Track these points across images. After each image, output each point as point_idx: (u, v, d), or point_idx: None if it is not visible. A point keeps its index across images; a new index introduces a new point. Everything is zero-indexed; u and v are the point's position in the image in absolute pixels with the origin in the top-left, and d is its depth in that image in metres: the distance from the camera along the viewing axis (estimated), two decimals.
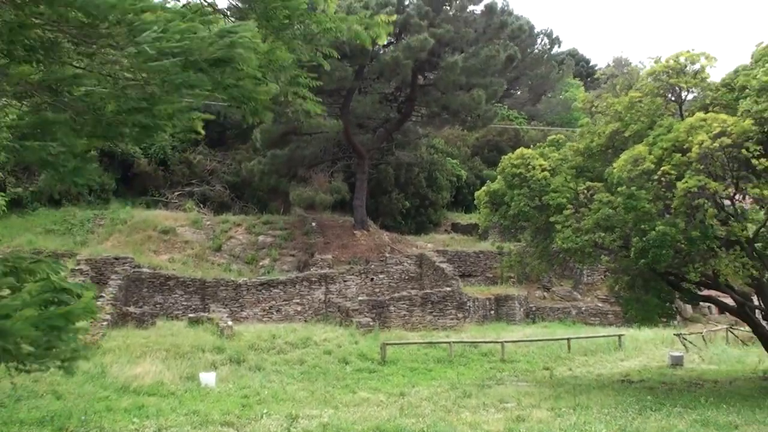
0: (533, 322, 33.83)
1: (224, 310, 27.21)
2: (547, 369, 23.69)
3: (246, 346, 22.58)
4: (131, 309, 25.31)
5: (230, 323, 24.30)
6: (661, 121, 18.74)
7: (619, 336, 28.26)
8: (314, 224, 37.09)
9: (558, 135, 24.65)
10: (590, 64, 72.14)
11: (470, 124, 39.93)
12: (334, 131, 38.34)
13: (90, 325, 21.32)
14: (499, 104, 47.21)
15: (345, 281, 32.48)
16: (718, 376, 22.38)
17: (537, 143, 25.07)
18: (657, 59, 20.08)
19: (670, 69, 19.37)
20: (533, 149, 22.62)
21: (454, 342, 25.46)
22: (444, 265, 33.50)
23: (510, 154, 22.05)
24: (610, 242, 18.21)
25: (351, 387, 19.46)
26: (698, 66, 19.25)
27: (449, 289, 30.95)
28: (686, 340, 28.46)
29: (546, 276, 35.53)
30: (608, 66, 62.05)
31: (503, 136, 51.50)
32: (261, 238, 36.12)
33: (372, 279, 33.74)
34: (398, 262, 34.95)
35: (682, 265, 17.78)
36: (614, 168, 18.22)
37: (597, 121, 21.78)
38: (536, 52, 58.74)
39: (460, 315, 30.54)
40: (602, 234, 18.15)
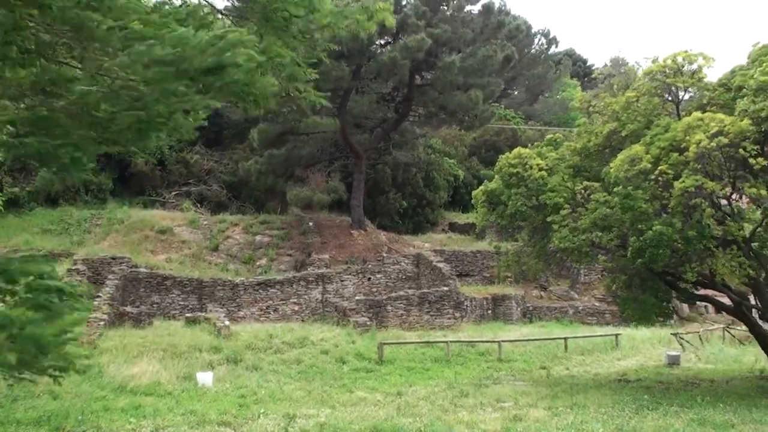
0: (530, 322, 33.82)
1: (221, 310, 27.19)
2: (544, 368, 23.72)
3: (243, 346, 22.56)
4: (128, 309, 25.29)
5: (227, 323, 24.28)
6: (659, 121, 18.76)
7: (616, 335, 28.29)
8: (311, 224, 37.07)
9: (556, 134, 24.66)
10: (587, 64, 72.25)
11: (467, 124, 39.95)
12: (332, 131, 38.35)
13: (86, 327, 21.33)
14: (497, 104, 47.25)
15: (342, 281, 32.48)
16: (715, 376, 22.42)
17: (534, 143, 25.09)
18: (654, 59, 20.10)
19: (668, 69, 19.38)
20: (531, 149, 22.62)
21: (452, 341, 25.47)
22: (441, 265, 33.51)
23: (507, 154, 22.04)
24: (607, 242, 18.23)
25: (348, 386, 19.46)
26: (695, 66, 19.27)
27: (446, 289, 30.95)
28: (683, 340, 28.50)
29: (543, 275, 35.56)
30: (605, 66, 62.32)
31: (500, 136, 51.54)
32: (258, 238, 36.10)
33: (369, 278, 33.73)
34: (395, 262, 34.94)
35: (679, 265, 17.80)
36: (611, 168, 18.24)
37: (594, 121, 21.81)
38: (533, 52, 58.93)
39: (458, 314, 30.55)
40: (599, 233, 18.17)
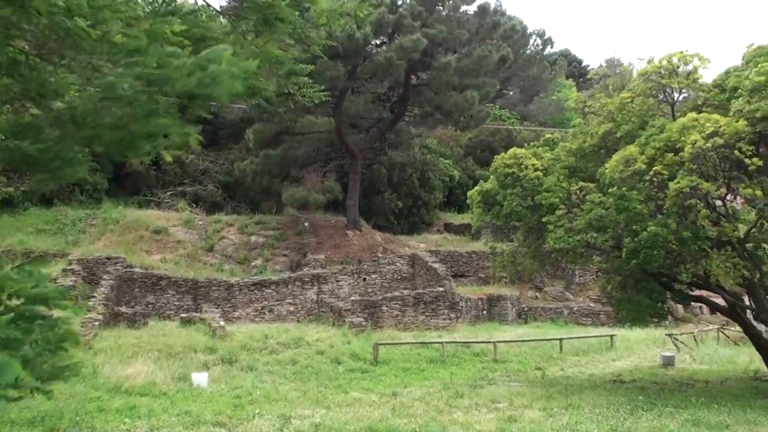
0: (525, 323, 33.88)
1: (216, 311, 27.15)
2: (539, 369, 23.74)
3: (238, 347, 22.53)
4: (123, 309, 25.23)
5: (222, 323, 24.25)
6: (654, 122, 18.80)
7: (611, 336, 28.34)
8: (307, 224, 37.05)
9: (554, 135, 24.69)
10: (583, 65, 72.34)
11: (463, 125, 39.94)
12: (327, 131, 38.33)
13: (81, 327, 21.28)
14: (492, 104, 47.29)
15: (337, 281, 32.47)
16: (710, 376, 22.47)
17: (531, 143, 25.13)
18: (650, 60, 20.13)
19: (663, 70, 19.42)
20: (526, 149, 22.64)
21: (447, 342, 25.48)
22: (436, 265, 33.53)
23: (503, 154, 22.07)
24: (602, 242, 18.26)
25: (343, 387, 19.45)
26: (691, 67, 19.31)
27: (442, 289, 30.97)
28: (678, 341, 28.56)
29: (538, 276, 35.62)
30: (601, 66, 62.45)
31: (496, 137, 51.57)
32: (253, 238, 36.06)
33: (364, 279, 33.74)
34: (391, 262, 34.95)
35: (674, 266, 17.83)
36: (606, 168, 18.27)
37: (589, 122, 21.84)
38: (529, 53, 58.96)
39: (453, 315, 30.57)
40: (594, 234, 18.19)
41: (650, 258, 16.84)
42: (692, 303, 28.33)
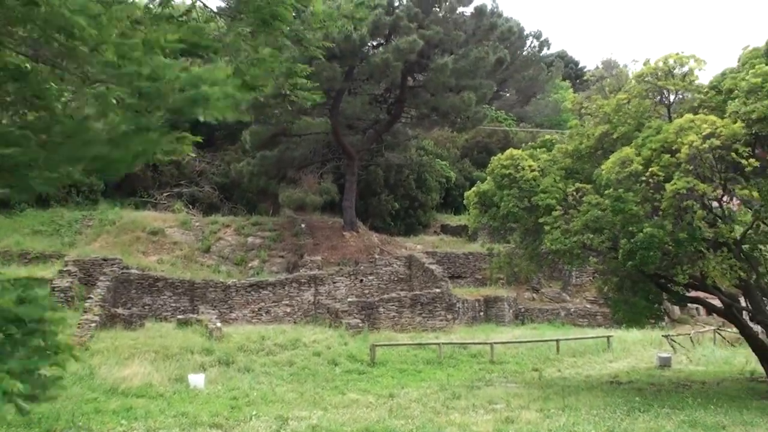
0: (522, 324, 33.88)
1: (213, 312, 27.12)
2: (536, 370, 23.73)
3: (235, 348, 22.51)
4: (120, 310, 25.20)
5: (219, 325, 24.22)
6: (650, 123, 18.83)
7: (608, 337, 28.35)
8: (303, 225, 37.03)
9: (552, 136, 24.73)
10: (579, 66, 72.42)
11: (460, 126, 40.00)
12: (324, 132, 38.33)
13: (77, 329, 21.25)
14: (488, 106, 47.31)
15: (334, 282, 32.45)
16: (706, 377, 22.49)
17: (528, 143, 25.17)
18: (646, 62, 20.15)
19: (659, 71, 19.45)
20: (523, 150, 22.65)
21: (444, 343, 25.47)
22: (433, 267, 33.52)
23: (499, 155, 22.06)
24: (599, 244, 18.27)
25: (340, 388, 19.44)
26: (687, 68, 19.34)
27: (438, 291, 30.96)
28: (674, 342, 28.57)
29: (535, 277, 35.61)
30: (597, 68, 62.39)
31: (492, 138, 51.58)
32: (250, 240, 36.04)
33: (361, 280, 33.73)
34: (387, 264, 34.94)
35: (670, 267, 17.85)
36: (602, 170, 18.28)
37: (586, 123, 21.85)
38: (525, 54, 58.97)
39: (450, 316, 30.56)
40: (591, 235, 18.20)
41: (646, 259, 16.86)
42: (689, 304, 28.42)
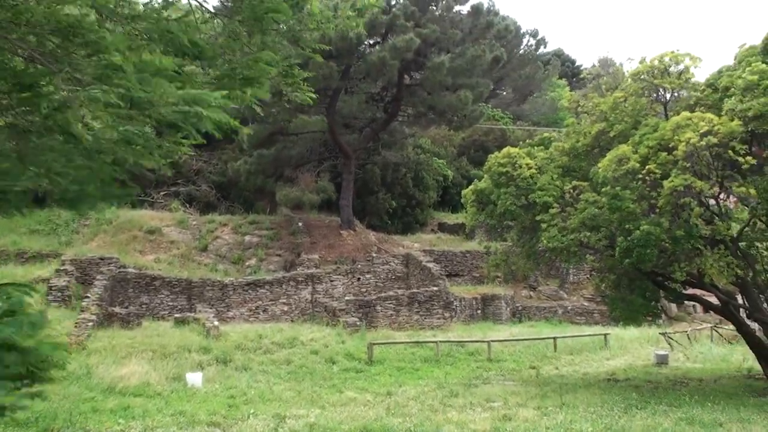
0: (519, 322, 33.91)
1: (211, 311, 27.11)
2: (534, 368, 23.77)
3: (232, 347, 22.51)
4: (117, 309, 25.18)
5: (216, 323, 24.21)
6: (647, 121, 18.83)
7: (605, 335, 28.38)
8: (301, 224, 37.02)
9: (551, 134, 24.74)
10: (576, 65, 72.45)
11: (456, 124, 39.99)
12: (321, 131, 38.32)
13: (74, 328, 21.24)
14: (485, 104, 47.32)
15: (332, 281, 32.44)
16: (703, 375, 22.52)
17: (525, 141, 25.17)
18: (641, 60, 20.17)
19: (655, 69, 19.46)
20: (520, 148, 22.65)
21: (441, 341, 25.49)
22: (431, 265, 33.53)
23: (497, 153, 22.05)
24: (596, 242, 18.28)
25: (338, 387, 19.45)
26: (682, 66, 19.35)
27: (436, 289, 30.97)
28: (671, 339, 28.61)
29: (532, 275, 35.66)
30: (594, 66, 62.35)
31: (489, 136, 51.62)
32: (247, 238, 36.02)
33: (359, 279, 33.73)
34: (385, 262, 34.95)
35: (668, 265, 17.86)
36: (599, 168, 18.29)
37: (582, 121, 21.85)
38: (522, 53, 59.04)
39: (447, 314, 30.57)
40: (588, 233, 18.21)
41: (643, 257, 16.87)
42: (686, 302, 28.42)
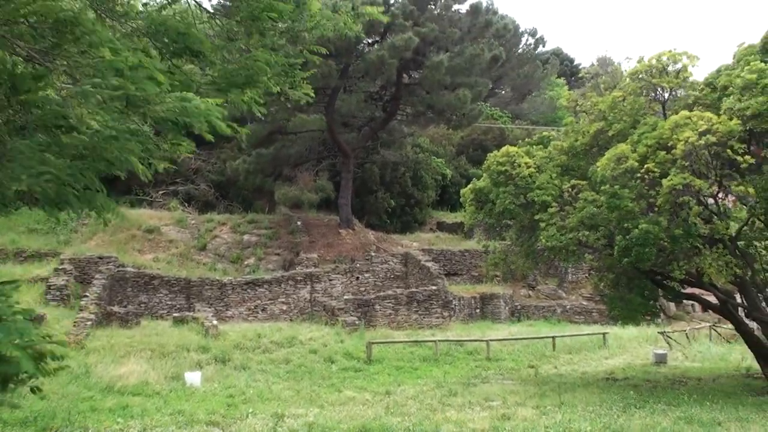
0: (518, 321, 33.93)
1: (209, 310, 27.11)
2: (533, 367, 23.77)
3: (231, 346, 22.50)
4: (115, 308, 25.17)
5: (215, 322, 24.21)
6: (646, 120, 18.82)
7: (604, 334, 28.40)
8: (299, 223, 37.02)
9: (549, 133, 24.72)
10: (574, 64, 72.48)
11: (455, 123, 39.99)
12: (319, 130, 38.30)
13: (73, 327, 21.23)
14: (484, 103, 47.32)
15: (330, 280, 32.44)
16: (702, 374, 22.53)
17: (524, 139, 25.17)
18: (640, 59, 20.15)
19: (653, 69, 19.45)
20: (519, 147, 22.63)
21: (440, 340, 25.49)
22: (429, 264, 33.54)
23: (495, 152, 22.03)
24: (594, 241, 18.27)
25: (337, 386, 19.44)
26: (680, 65, 19.33)
27: (435, 288, 30.97)
28: (670, 338, 28.64)
29: (531, 274, 35.66)
30: (592, 65, 62.46)
31: (488, 135, 51.63)
32: (246, 237, 36.02)
33: (357, 278, 33.72)
34: (384, 261, 34.94)
35: (666, 264, 17.86)
36: (598, 166, 18.28)
37: (581, 120, 21.85)
38: (521, 52, 58.99)
39: (446, 314, 30.57)
40: (586, 232, 18.20)
41: (642, 256, 16.86)
42: (684, 301, 28.41)
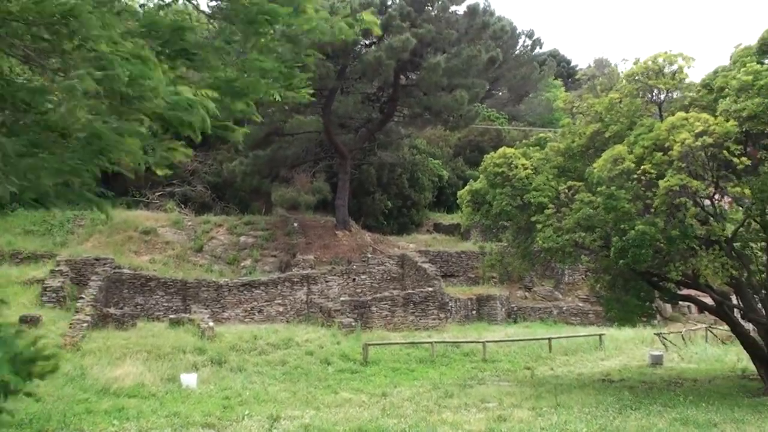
0: (515, 322, 33.92)
1: (205, 311, 27.07)
2: (529, 369, 23.78)
3: (227, 347, 22.48)
4: (111, 310, 25.11)
5: (211, 324, 24.18)
6: (642, 121, 18.85)
7: (600, 335, 28.42)
8: (296, 224, 36.98)
9: (546, 134, 24.77)
10: (571, 65, 72.46)
11: (452, 125, 39.97)
12: (316, 131, 38.28)
13: (69, 329, 21.18)
14: (481, 104, 47.30)
15: (327, 282, 32.42)
16: (698, 375, 22.57)
17: (522, 141, 25.19)
18: (636, 61, 20.19)
19: (649, 70, 19.48)
20: (516, 148, 22.65)
21: (436, 342, 25.48)
22: (426, 266, 33.53)
23: (492, 154, 22.05)
24: (591, 242, 18.29)
25: (333, 388, 19.43)
26: (676, 67, 19.38)
27: (431, 290, 30.97)
28: (666, 340, 28.66)
29: (527, 276, 35.65)
30: (589, 67, 62.58)
31: (485, 137, 51.62)
32: (242, 239, 35.98)
33: (354, 279, 33.70)
34: (380, 263, 34.93)
35: (663, 265, 17.89)
36: (595, 168, 18.30)
37: (578, 122, 21.87)
38: (518, 53, 59.01)
39: (442, 315, 30.57)
40: (583, 234, 18.22)
41: (638, 257, 16.88)
42: (680, 302, 28.49)
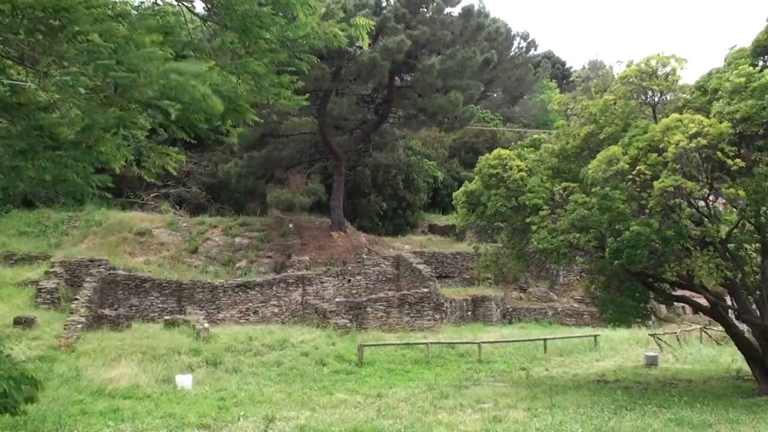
0: (510, 323, 33.92)
1: (201, 312, 27.02)
2: (524, 369, 23.81)
3: (222, 348, 22.46)
4: (106, 311, 25.05)
5: (207, 325, 24.16)
6: (637, 123, 18.89)
7: (595, 336, 28.46)
8: (291, 226, 36.96)
9: (541, 135, 24.80)
10: (566, 67, 72.54)
11: (447, 126, 40.03)
12: (311, 133, 38.28)
13: (64, 330, 21.15)
14: (476, 106, 47.34)
15: (322, 283, 32.40)
16: (692, 376, 22.62)
17: (517, 142, 25.22)
18: (629, 63, 20.24)
19: (643, 72, 19.52)
20: (511, 149, 22.68)
21: (432, 343, 25.51)
22: (421, 267, 33.52)
23: (487, 155, 22.06)
24: (585, 243, 18.33)
25: (328, 388, 19.44)
26: (669, 69, 19.42)
27: (426, 291, 30.97)
28: (661, 340, 28.71)
29: (522, 277, 35.69)
30: (583, 68, 62.49)
31: (480, 138, 51.67)
32: (238, 240, 35.95)
33: (349, 280, 33.68)
34: (375, 264, 34.92)
35: (657, 266, 17.92)
36: (589, 169, 18.33)
37: (572, 123, 21.90)
38: (513, 55, 59.07)
39: (437, 316, 30.58)
40: (577, 235, 18.25)
41: (633, 258, 16.91)
42: (675, 303, 28.51)
